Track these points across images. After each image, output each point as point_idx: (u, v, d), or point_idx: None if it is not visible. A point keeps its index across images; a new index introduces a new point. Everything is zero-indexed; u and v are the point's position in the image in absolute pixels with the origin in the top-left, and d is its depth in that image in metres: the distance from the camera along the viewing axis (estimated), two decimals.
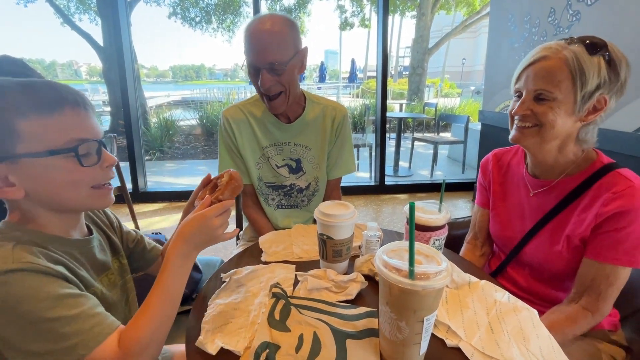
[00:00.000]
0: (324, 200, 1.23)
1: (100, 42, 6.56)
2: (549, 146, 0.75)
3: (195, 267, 1.19)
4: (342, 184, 1.28)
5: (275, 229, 1.18)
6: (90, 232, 0.64)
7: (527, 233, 0.83)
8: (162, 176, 4.53)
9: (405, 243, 0.50)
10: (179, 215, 3.08)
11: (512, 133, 0.78)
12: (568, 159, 0.77)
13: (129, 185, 2.16)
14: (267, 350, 0.50)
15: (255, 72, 0.93)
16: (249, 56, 0.92)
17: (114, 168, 0.59)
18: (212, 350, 0.52)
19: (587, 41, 0.68)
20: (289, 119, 1.10)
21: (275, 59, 0.89)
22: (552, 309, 0.78)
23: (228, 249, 2.33)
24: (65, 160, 0.51)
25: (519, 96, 0.76)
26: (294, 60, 0.94)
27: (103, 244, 0.66)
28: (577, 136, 0.75)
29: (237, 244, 1.30)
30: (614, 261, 0.70)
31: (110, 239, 0.70)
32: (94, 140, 0.54)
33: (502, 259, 0.92)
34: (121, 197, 2.16)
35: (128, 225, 0.79)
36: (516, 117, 0.76)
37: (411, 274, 0.44)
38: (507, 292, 0.67)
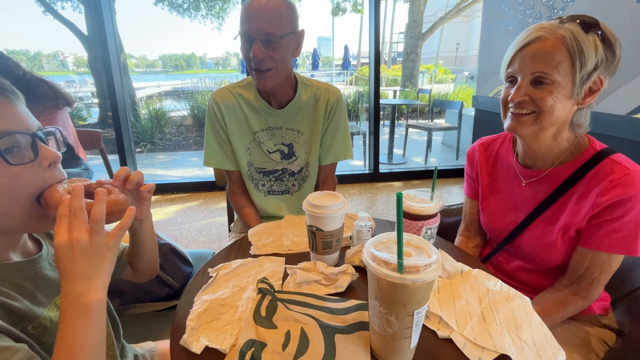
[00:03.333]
0: (317, 188, 1.21)
1: (85, 30, 6.35)
2: (546, 133, 0.72)
3: (186, 261, 1.16)
4: (335, 172, 1.23)
5: (265, 217, 1.16)
6: (40, 248, 0.55)
7: (519, 224, 0.81)
8: (153, 168, 4.46)
9: (394, 234, 0.48)
10: (171, 208, 3.08)
11: (508, 122, 0.74)
12: (562, 147, 0.75)
13: None
14: (253, 349, 0.48)
15: (248, 43, 0.90)
16: (244, 26, 0.89)
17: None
18: (197, 349, 0.50)
19: (579, 20, 0.65)
20: (281, 104, 1.06)
21: (270, 30, 0.87)
22: (541, 293, 0.78)
23: (222, 241, 2.31)
24: None
25: (512, 81, 0.72)
26: (289, 38, 0.92)
27: None
28: (571, 121, 0.72)
29: (229, 236, 1.28)
30: (609, 249, 0.69)
31: None
32: (24, 133, 0.44)
33: (493, 247, 0.91)
34: None
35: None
36: (511, 105, 0.72)
37: (400, 268, 0.42)
38: (500, 281, 0.66)
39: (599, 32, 0.64)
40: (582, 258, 0.72)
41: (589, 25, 0.64)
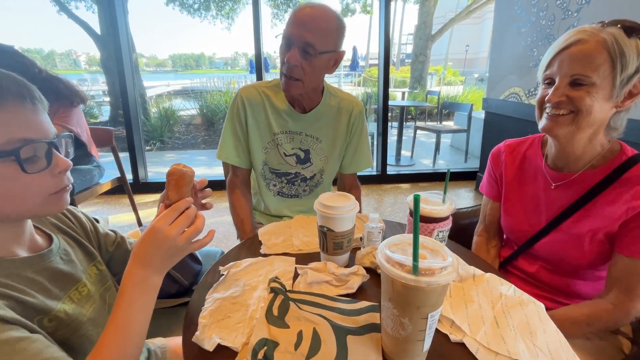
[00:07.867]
0: None
1: (98, 30, 6.45)
2: (582, 135, 0.71)
3: (195, 259, 1.17)
4: None
5: (268, 214, 1.17)
6: (50, 242, 0.55)
7: (543, 227, 0.80)
8: (162, 166, 4.51)
9: (408, 236, 0.48)
10: None
11: (543, 122, 0.73)
12: (595, 151, 0.74)
13: (129, 176, 2.14)
14: (265, 348, 0.48)
15: (287, 47, 0.90)
16: (287, 29, 0.89)
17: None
18: (209, 346, 0.51)
19: (621, 24, 0.64)
20: (304, 109, 1.08)
21: (312, 40, 0.87)
22: (580, 303, 0.75)
23: (230, 240, 2.32)
24: (4, 165, 0.42)
25: (549, 83, 0.72)
26: (328, 55, 0.92)
27: (70, 253, 0.57)
28: (608, 123, 0.71)
29: (237, 235, 1.28)
30: None
31: (82, 245, 0.61)
32: (43, 141, 0.45)
33: (513, 249, 0.90)
34: (121, 188, 2.15)
35: (128, 216, 0.76)
36: (548, 105, 0.71)
37: (415, 270, 0.42)
38: (513, 285, 0.66)
39: None
40: (617, 265, 0.70)
41: (631, 29, 0.63)
